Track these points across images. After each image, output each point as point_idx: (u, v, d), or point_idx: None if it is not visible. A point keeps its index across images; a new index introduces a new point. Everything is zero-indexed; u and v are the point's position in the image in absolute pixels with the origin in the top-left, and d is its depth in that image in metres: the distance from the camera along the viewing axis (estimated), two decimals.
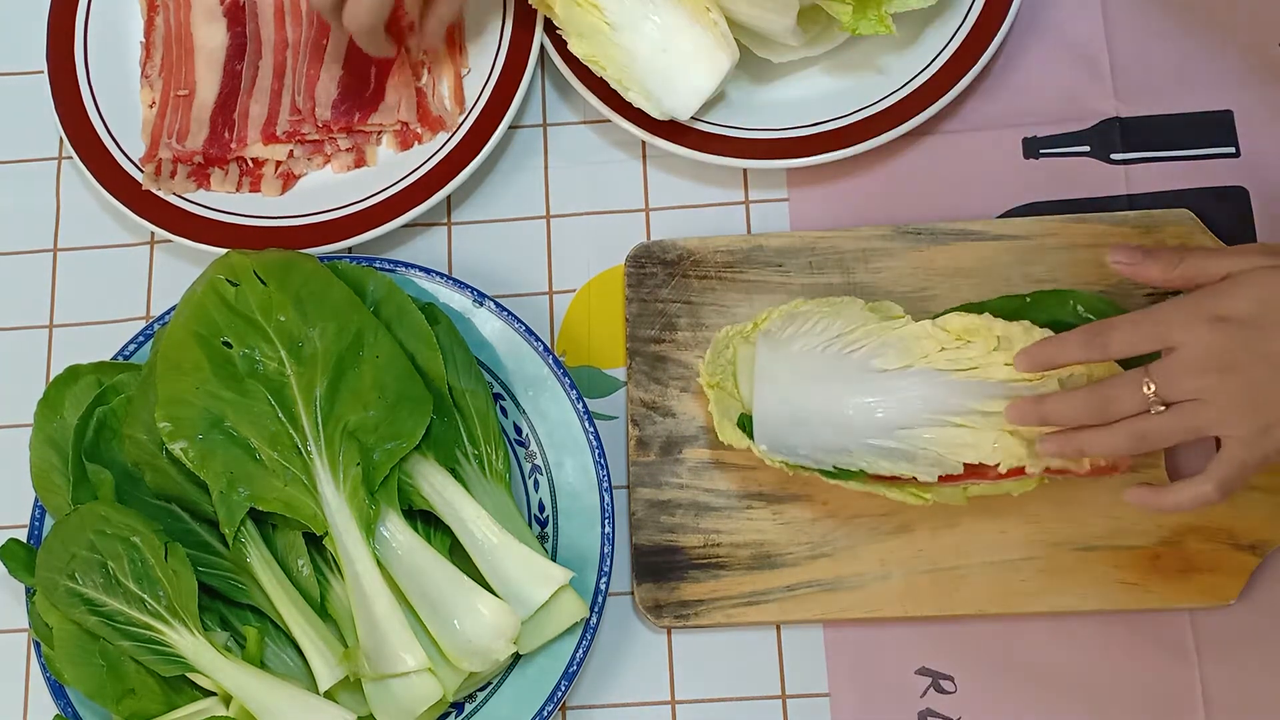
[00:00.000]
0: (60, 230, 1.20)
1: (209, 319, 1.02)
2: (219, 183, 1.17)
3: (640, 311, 1.10)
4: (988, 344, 0.98)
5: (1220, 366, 0.88)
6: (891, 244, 1.09)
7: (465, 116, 1.16)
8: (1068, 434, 0.93)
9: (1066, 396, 0.93)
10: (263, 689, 0.98)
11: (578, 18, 1.11)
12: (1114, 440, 0.91)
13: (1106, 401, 0.91)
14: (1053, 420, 0.94)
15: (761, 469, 1.05)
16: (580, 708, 1.05)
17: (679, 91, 1.10)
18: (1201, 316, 0.88)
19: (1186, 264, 0.92)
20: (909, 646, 1.03)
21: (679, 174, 1.16)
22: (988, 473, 0.97)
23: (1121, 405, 0.90)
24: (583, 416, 1.06)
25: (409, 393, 1.01)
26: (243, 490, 0.99)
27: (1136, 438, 0.91)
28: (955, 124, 1.14)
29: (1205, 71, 1.13)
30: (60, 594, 1.00)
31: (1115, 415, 0.91)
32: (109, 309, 1.17)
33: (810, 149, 1.11)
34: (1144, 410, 0.90)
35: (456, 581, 0.99)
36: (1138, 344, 0.91)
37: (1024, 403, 0.95)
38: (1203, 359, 0.88)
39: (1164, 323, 0.90)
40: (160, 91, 1.20)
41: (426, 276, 1.10)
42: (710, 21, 1.10)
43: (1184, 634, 1.01)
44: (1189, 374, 0.88)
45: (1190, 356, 0.88)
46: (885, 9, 1.07)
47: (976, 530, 1.03)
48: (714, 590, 1.04)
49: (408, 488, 1.01)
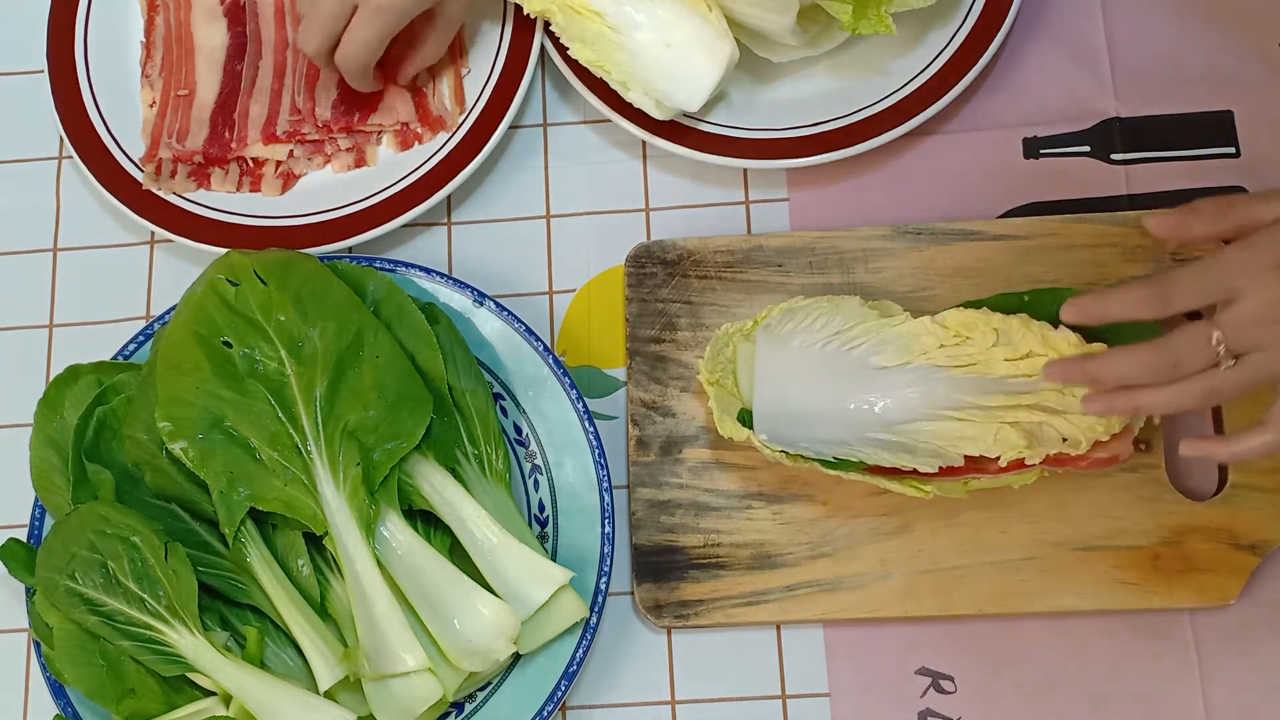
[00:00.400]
0: (60, 230, 1.20)
1: (209, 319, 1.02)
2: (219, 183, 1.17)
3: (640, 311, 1.10)
4: (987, 339, 0.98)
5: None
6: (891, 244, 1.09)
7: (465, 116, 1.16)
8: (1124, 391, 0.90)
9: (1122, 354, 0.90)
10: (263, 689, 0.98)
11: (579, 24, 1.11)
12: (1183, 397, 0.88)
13: (1175, 358, 0.87)
14: (1105, 379, 0.90)
15: (762, 469, 1.05)
16: (580, 708, 1.05)
17: (685, 85, 1.10)
18: (1267, 264, 0.86)
19: (1234, 212, 0.90)
20: (909, 646, 1.03)
21: (679, 174, 1.16)
22: (988, 466, 0.97)
23: (1191, 362, 0.87)
24: (583, 416, 1.06)
25: (409, 393, 1.01)
26: (243, 490, 0.99)
27: (1206, 394, 0.88)
28: (955, 124, 1.14)
29: (1205, 71, 1.13)
30: (60, 594, 1.00)
31: (1184, 372, 0.87)
32: (109, 309, 1.17)
33: (810, 149, 1.11)
34: (1212, 365, 0.87)
35: (456, 581, 0.99)
36: (1204, 295, 0.87)
37: (1068, 361, 0.92)
38: (1270, 306, 0.85)
39: (1229, 272, 0.86)
40: (160, 91, 1.20)
41: (426, 276, 1.10)
42: (708, 13, 1.09)
43: (1184, 634, 1.01)
44: (1259, 324, 0.86)
45: (1258, 305, 0.85)
46: (885, 9, 1.07)
47: (976, 530, 1.03)
48: (714, 590, 1.04)
49: (408, 488, 1.01)
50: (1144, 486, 1.02)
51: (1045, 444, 0.96)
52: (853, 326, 1.01)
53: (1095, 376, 0.91)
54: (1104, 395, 0.91)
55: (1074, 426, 0.96)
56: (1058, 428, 0.96)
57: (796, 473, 1.03)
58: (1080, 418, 0.96)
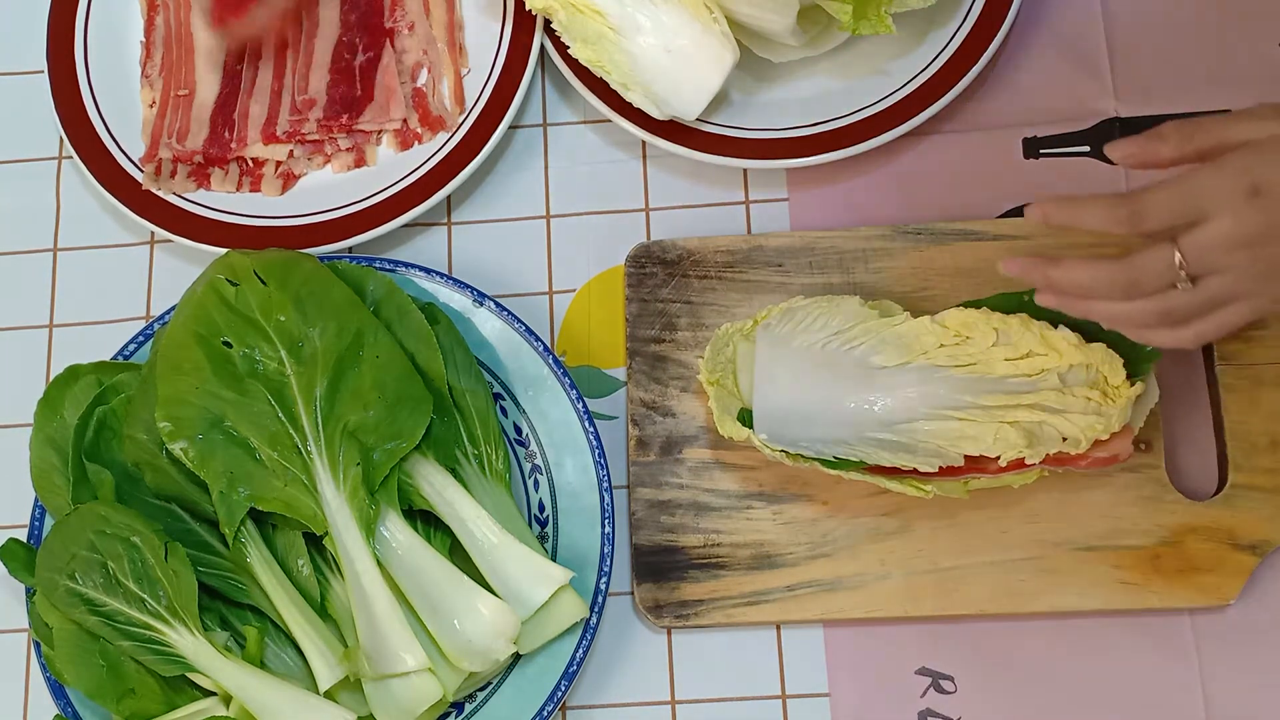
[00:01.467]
0: (60, 230, 1.20)
1: (209, 319, 1.02)
2: (219, 183, 1.17)
3: (640, 311, 1.10)
4: (986, 339, 0.98)
5: (1256, 240, 0.84)
6: (891, 244, 1.09)
7: (465, 116, 1.16)
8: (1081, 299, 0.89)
9: (1083, 265, 0.88)
10: (263, 689, 0.98)
11: (581, 24, 1.11)
12: (1136, 314, 0.87)
13: (1134, 275, 0.86)
14: (1062, 286, 0.89)
15: (762, 468, 1.05)
16: (580, 708, 1.05)
17: (685, 91, 1.10)
18: (1239, 189, 0.83)
19: (1202, 134, 0.87)
20: (909, 646, 1.03)
21: (679, 174, 1.16)
22: (988, 466, 0.97)
23: (1150, 281, 0.86)
24: (583, 416, 1.06)
25: (409, 393, 1.01)
26: (243, 490, 0.99)
27: (1161, 313, 0.87)
28: (955, 124, 1.14)
29: (1205, 71, 1.13)
30: (60, 594, 1.00)
31: (1141, 291, 0.86)
32: (109, 309, 1.17)
33: (810, 149, 1.11)
34: (1170, 285, 0.86)
35: (456, 581, 0.99)
36: (1174, 214, 0.85)
37: (1030, 260, 0.90)
38: (1239, 233, 0.83)
39: (1200, 194, 0.84)
40: (160, 91, 1.20)
41: (426, 276, 1.10)
42: (711, 21, 1.10)
43: (1184, 634, 1.01)
44: (1223, 249, 0.84)
45: (1225, 230, 0.84)
46: (885, 9, 1.07)
47: (976, 530, 1.03)
48: (714, 590, 1.04)
49: (408, 488, 1.01)
50: (1144, 486, 1.02)
51: (1045, 443, 0.96)
52: (853, 326, 1.01)
53: (1053, 282, 0.89)
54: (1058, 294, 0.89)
55: (1074, 426, 0.96)
56: (1058, 427, 0.96)
57: (796, 472, 1.03)
58: (1080, 417, 0.96)
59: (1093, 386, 0.96)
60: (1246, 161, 0.84)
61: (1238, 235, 0.84)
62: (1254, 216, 0.83)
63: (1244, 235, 0.84)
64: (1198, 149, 0.87)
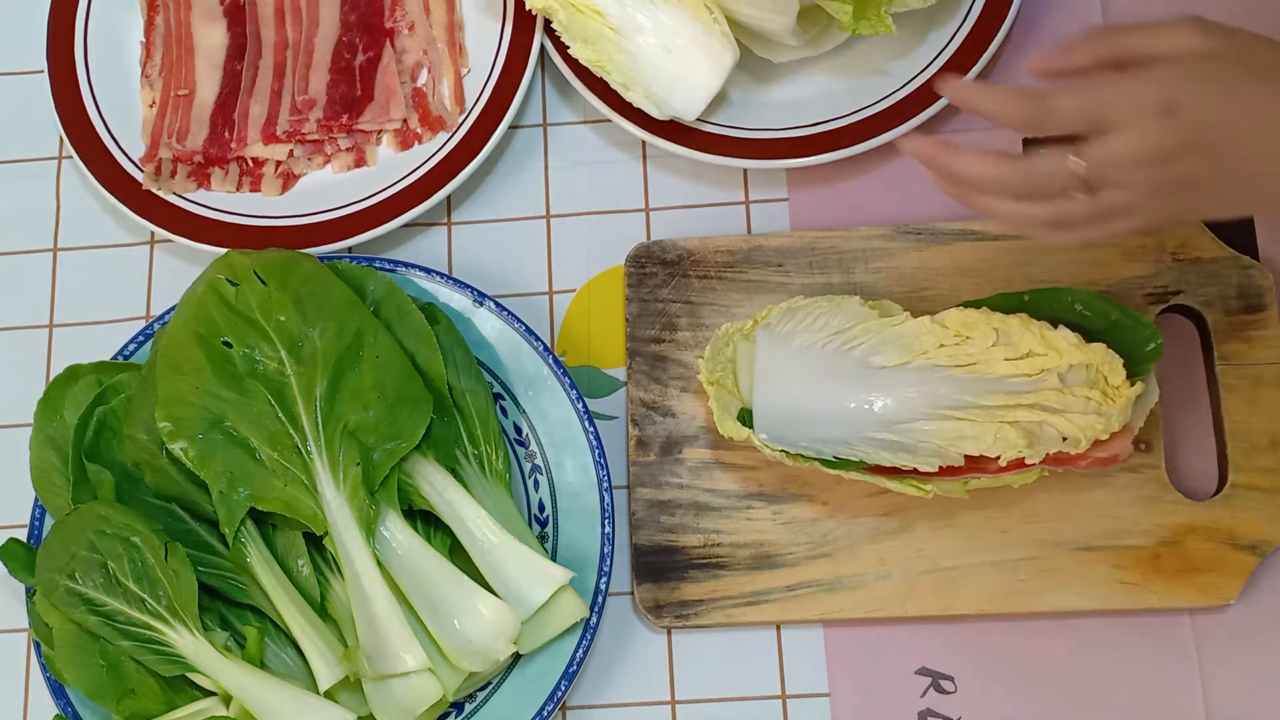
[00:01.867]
0: (60, 230, 1.20)
1: (209, 319, 1.02)
2: (219, 182, 1.17)
3: (640, 311, 1.10)
4: (987, 339, 0.98)
5: (1160, 159, 0.81)
6: (891, 244, 1.09)
7: (465, 116, 1.16)
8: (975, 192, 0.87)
9: (984, 159, 0.86)
10: (263, 689, 0.98)
11: (581, 24, 1.11)
12: (1028, 216, 0.85)
13: (1035, 179, 0.84)
14: (959, 174, 0.87)
15: (762, 468, 1.05)
16: (580, 708, 1.05)
17: (685, 92, 1.10)
18: (1151, 105, 0.81)
19: (1117, 39, 0.84)
20: (909, 646, 1.03)
21: (679, 174, 1.16)
22: (988, 465, 0.97)
23: (1047, 185, 0.84)
24: (583, 416, 1.06)
25: (409, 393, 1.01)
26: (243, 490, 0.99)
27: (1052, 219, 0.85)
28: (955, 124, 1.14)
29: None
30: (60, 594, 1.00)
31: (1037, 194, 0.84)
32: (109, 309, 1.17)
33: (810, 149, 1.11)
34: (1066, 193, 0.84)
35: (456, 581, 0.99)
36: (1081, 122, 0.82)
37: (931, 141, 0.88)
38: (1144, 150, 0.81)
39: (1111, 105, 0.82)
40: (160, 91, 1.20)
41: (426, 276, 1.10)
42: (711, 21, 1.10)
43: (1184, 634, 1.01)
44: (1124, 163, 0.82)
45: (1129, 144, 0.81)
46: (885, 9, 1.07)
47: (976, 530, 1.03)
48: (714, 590, 1.04)
49: (408, 488, 1.01)
50: (1144, 486, 1.02)
51: (1045, 443, 0.96)
52: (853, 326, 1.01)
53: (949, 167, 0.87)
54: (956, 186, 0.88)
55: (1074, 426, 0.96)
56: (1058, 427, 0.96)
57: (796, 472, 1.03)
58: (1080, 417, 0.96)
59: (1093, 386, 0.96)
60: (1162, 77, 0.82)
61: (1143, 152, 0.81)
62: (1161, 135, 0.81)
63: (1149, 153, 0.81)
64: (1117, 52, 0.85)
